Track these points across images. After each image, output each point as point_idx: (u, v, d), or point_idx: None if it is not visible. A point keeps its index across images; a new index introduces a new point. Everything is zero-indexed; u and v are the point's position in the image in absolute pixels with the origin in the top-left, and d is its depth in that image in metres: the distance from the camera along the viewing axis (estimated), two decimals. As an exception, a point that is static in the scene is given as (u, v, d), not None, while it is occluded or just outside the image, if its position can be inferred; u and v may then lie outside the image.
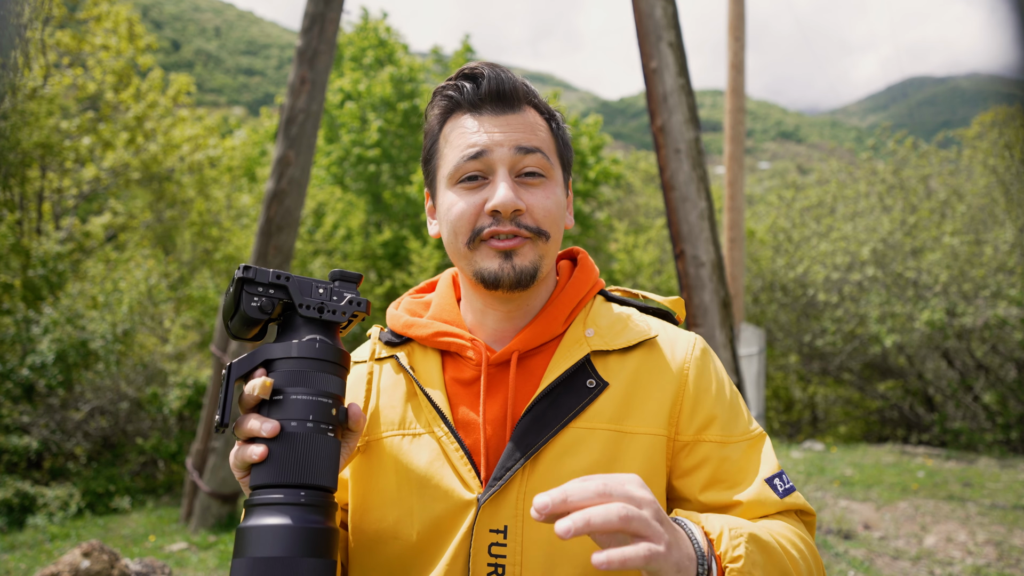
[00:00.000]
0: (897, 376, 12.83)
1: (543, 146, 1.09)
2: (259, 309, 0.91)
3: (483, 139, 1.07)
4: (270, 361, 0.90)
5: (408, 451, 1.09)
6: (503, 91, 1.09)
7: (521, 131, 1.08)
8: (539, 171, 1.08)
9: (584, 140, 15.12)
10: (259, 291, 0.91)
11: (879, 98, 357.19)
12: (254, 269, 0.91)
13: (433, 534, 1.05)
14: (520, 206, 1.05)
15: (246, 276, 0.90)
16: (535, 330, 1.12)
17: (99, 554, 4.14)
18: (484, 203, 1.06)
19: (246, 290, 0.90)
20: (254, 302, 0.91)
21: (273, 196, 6.00)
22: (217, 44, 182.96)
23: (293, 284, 0.92)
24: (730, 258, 9.09)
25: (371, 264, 13.01)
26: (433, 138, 1.14)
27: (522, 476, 1.03)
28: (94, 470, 7.96)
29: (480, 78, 1.09)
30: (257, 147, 16.19)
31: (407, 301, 1.25)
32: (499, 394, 1.09)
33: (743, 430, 1.10)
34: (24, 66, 7.79)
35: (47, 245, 8.82)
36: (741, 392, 4.53)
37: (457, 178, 1.08)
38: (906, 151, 13.32)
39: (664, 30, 4.57)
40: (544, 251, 1.08)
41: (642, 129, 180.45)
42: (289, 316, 0.94)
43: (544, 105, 1.14)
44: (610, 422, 1.06)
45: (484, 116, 1.09)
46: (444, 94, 1.12)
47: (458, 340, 1.12)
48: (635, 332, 1.12)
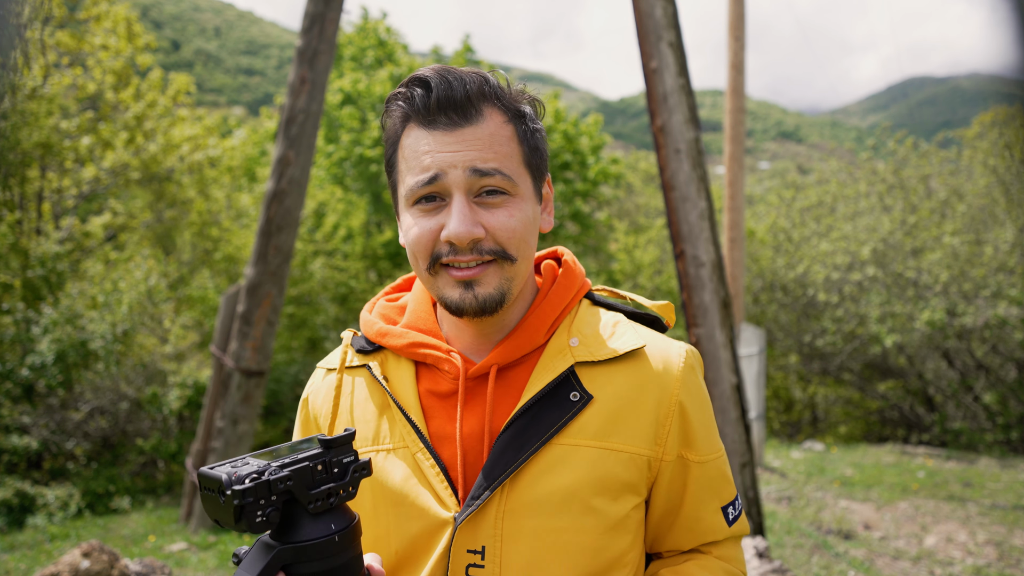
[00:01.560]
0: (897, 376, 12.82)
1: (503, 163, 0.99)
2: (266, 523, 0.81)
3: (435, 161, 0.98)
4: (288, 565, 0.84)
5: (383, 468, 1.04)
6: (455, 101, 0.98)
7: (477, 148, 0.98)
8: (500, 189, 0.99)
9: (584, 140, 15.12)
10: (262, 505, 0.81)
11: (879, 98, 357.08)
12: (253, 490, 0.80)
13: (410, 554, 1.01)
14: (478, 234, 0.97)
15: (245, 502, 0.79)
16: (516, 341, 1.05)
17: (99, 554, 4.14)
18: (441, 228, 0.99)
19: (248, 511, 0.80)
20: (259, 519, 0.81)
21: (273, 196, 5.99)
22: (217, 44, 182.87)
23: (296, 484, 0.83)
24: (730, 258, 9.08)
25: (371, 264, 13.01)
26: (393, 148, 1.05)
27: (501, 495, 0.98)
28: (94, 470, 7.96)
29: (428, 87, 0.99)
30: (257, 147, 16.18)
31: (381, 305, 1.19)
32: (477, 408, 1.03)
33: (715, 447, 1.10)
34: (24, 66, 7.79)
35: (47, 245, 8.82)
36: (740, 392, 4.54)
37: (413, 200, 1.01)
38: (906, 151, 13.32)
39: (664, 30, 4.56)
40: (512, 273, 1.01)
41: (642, 129, 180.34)
42: (295, 510, 0.85)
43: (510, 102, 1.03)
44: (594, 439, 1.01)
45: (437, 131, 0.99)
46: (396, 103, 1.03)
47: (435, 352, 1.07)
48: (622, 342, 1.07)
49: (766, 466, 8.78)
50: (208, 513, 0.84)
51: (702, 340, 4.50)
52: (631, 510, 1.04)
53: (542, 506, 0.99)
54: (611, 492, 1.01)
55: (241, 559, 0.84)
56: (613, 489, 1.01)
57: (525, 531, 0.99)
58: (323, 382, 1.16)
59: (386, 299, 1.22)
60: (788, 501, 7.06)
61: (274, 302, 6.06)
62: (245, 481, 0.80)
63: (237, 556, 0.85)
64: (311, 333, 10.92)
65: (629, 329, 1.10)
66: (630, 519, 1.04)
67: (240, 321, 6.06)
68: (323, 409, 1.13)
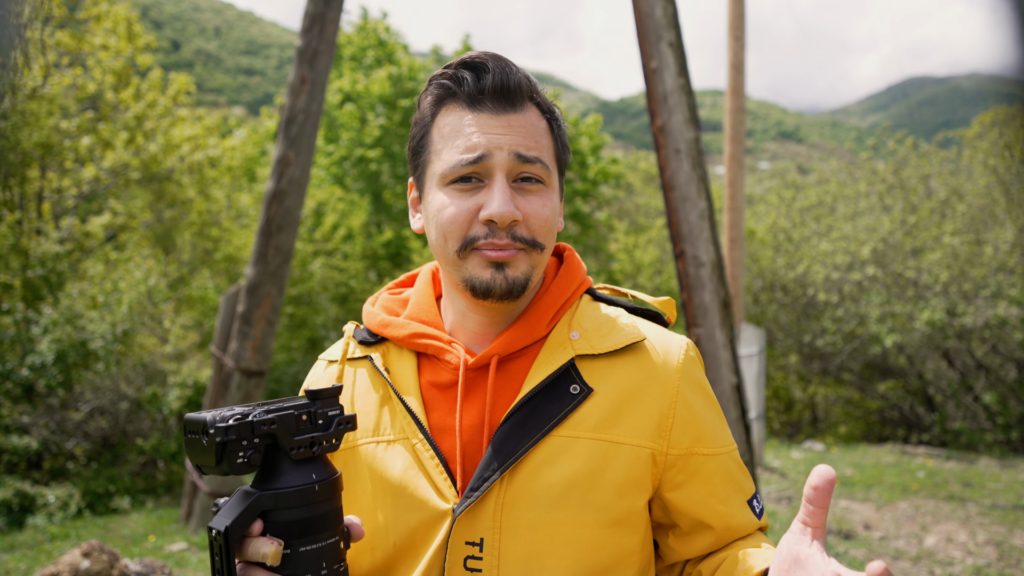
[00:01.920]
0: (897, 376, 12.82)
1: (544, 153, 1.03)
2: (247, 465, 0.82)
3: (483, 141, 0.99)
4: (266, 511, 0.84)
5: (383, 459, 1.05)
6: (507, 87, 1.00)
7: (523, 135, 1.01)
8: (537, 177, 1.02)
9: (584, 140, 15.13)
10: (244, 446, 0.81)
11: (879, 98, 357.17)
12: (236, 428, 0.81)
13: (408, 545, 1.01)
14: (517, 216, 0.99)
15: (228, 439, 0.80)
16: (517, 332, 1.06)
17: (99, 554, 4.14)
18: (478, 209, 1.00)
19: (229, 449, 0.81)
20: (240, 459, 0.81)
21: (273, 196, 6.00)
22: (217, 44, 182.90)
23: (280, 428, 0.84)
24: (730, 258, 9.08)
25: (372, 264, 13.02)
26: (424, 128, 1.06)
27: (500, 487, 0.98)
28: (94, 470, 7.96)
29: (483, 70, 1.01)
30: (257, 147, 16.18)
31: (384, 297, 1.20)
32: (477, 399, 1.04)
33: (727, 440, 1.09)
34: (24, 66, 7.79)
35: (46, 245, 8.82)
36: (740, 392, 4.54)
37: (450, 179, 1.01)
38: (906, 151, 13.32)
39: (664, 30, 4.57)
40: (537, 261, 1.03)
41: (642, 129, 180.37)
42: (277, 457, 0.86)
43: (545, 102, 1.07)
44: (594, 431, 1.01)
45: (483, 113, 1.00)
46: (440, 82, 1.04)
47: (436, 343, 1.07)
48: (623, 335, 1.07)
49: (766, 466, 8.79)
50: (191, 459, 0.84)
51: (702, 340, 4.50)
52: (637, 507, 1.03)
53: (541, 498, 0.98)
54: (612, 486, 1.00)
55: (220, 508, 0.84)
56: (614, 483, 1.00)
57: (524, 523, 0.98)
58: (324, 373, 1.16)
59: (389, 293, 1.22)
60: (788, 501, 7.07)
61: (274, 302, 6.06)
62: (229, 420, 0.81)
63: (217, 505, 0.85)
64: (311, 333, 10.92)
65: (630, 323, 1.10)
66: (636, 516, 1.03)
67: (240, 321, 6.06)
68: None
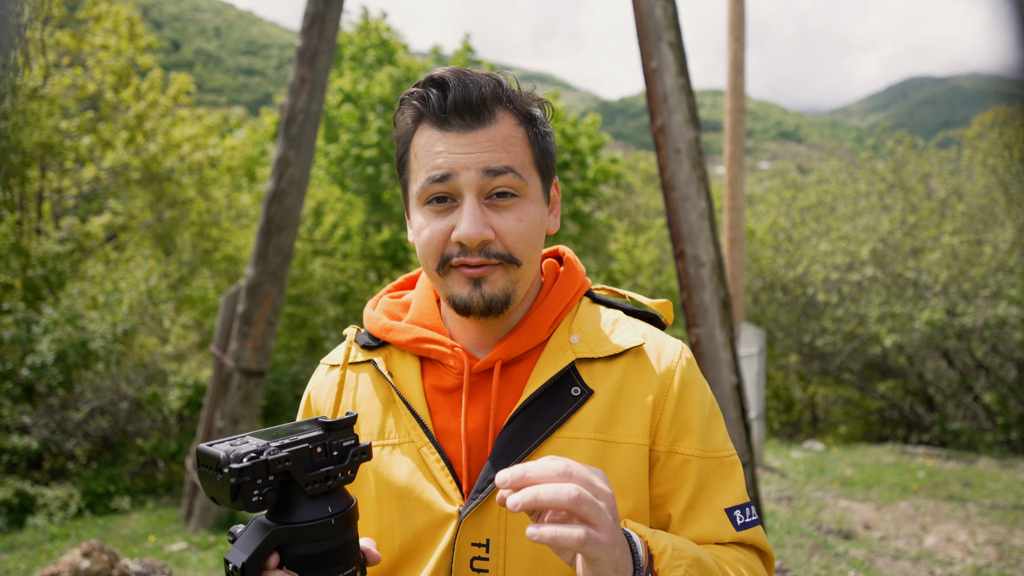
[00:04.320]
0: (897, 376, 12.82)
1: (515, 163, 1.01)
2: (263, 503, 0.81)
3: (448, 162, 0.99)
4: (283, 546, 0.83)
5: (388, 463, 1.06)
6: (469, 103, 0.99)
7: (490, 149, 1.00)
8: (511, 191, 1.01)
9: (583, 140, 15.13)
10: (259, 484, 0.80)
11: (879, 98, 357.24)
12: (250, 468, 0.79)
13: (414, 547, 1.03)
14: (487, 236, 0.99)
15: (242, 480, 0.78)
16: (519, 338, 1.07)
17: (99, 554, 4.14)
18: (451, 230, 1.00)
19: (244, 489, 0.79)
20: (255, 497, 0.80)
21: (273, 196, 6.00)
22: (217, 44, 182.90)
23: (295, 465, 0.82)
24: (730, 258, 9.08)
25: (371, 264, 13.01)
26: (405, 147, 1.07)
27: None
28: (94, 470, 7.96)
29: (446, 88, 1.00)
30: (257, 147, 16.19)
31: (384, 301, 1.20)
32: (481, 403, 1.05)
33: (716, 447, 1.08)
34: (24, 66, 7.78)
35: (47, 245, 8.82)
36: (740, 392, 4.54)
37: (424, 199, 1.02)
38: (906, 151, 13.32)
39: (664, 30, 4.57)
40: (517, 276, 1.03)
41: (642, 129, 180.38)
42: (292, 490, 0.84)
43: (521, 106, 1.04)
44: (595, 431, 1.03)
45: (450, 132, 1.00)
46: (411, 103, 1.04)
47: (439, 347, 1.08)
48: (622, 339, 1.09)
49: (766, 466, 8.79)
50: (205, 490, 0.84)
51: (702, 340, 4.50)
52: (639, 504, 1.04)
53: None
54: (614, 485, 1.01)
55: (236, 538, 0.84)
56: (616, 482, 1.01)
57: (528, 524, 0.99)
58: (326, 378, 1.17)
59: (389, 296, 1.23)
60: (788, 501, 7.07)
61: (274, 302, 6.06)
62: (243, 460, 0.79)
63: (232, 535, 0.85)
64: (311, 333, 10.92)
65: (628, 326, 1.12)
66: (638, 514, 1.04)
67: (240, 321, 6.06)
68: (326, 405, 1.14)
